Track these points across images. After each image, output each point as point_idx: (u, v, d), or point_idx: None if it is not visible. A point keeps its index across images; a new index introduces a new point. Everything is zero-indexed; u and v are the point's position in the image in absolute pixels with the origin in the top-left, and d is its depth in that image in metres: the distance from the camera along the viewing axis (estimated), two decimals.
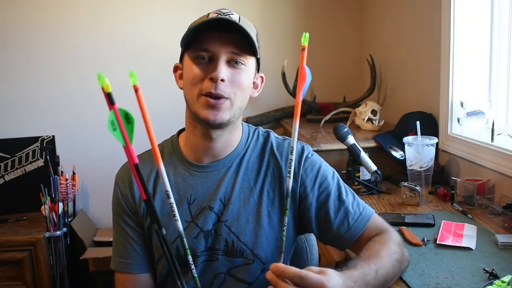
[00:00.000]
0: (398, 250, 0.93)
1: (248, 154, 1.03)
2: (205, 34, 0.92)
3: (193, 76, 0.93)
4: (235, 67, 0.94)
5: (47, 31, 2.47)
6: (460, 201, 1.47)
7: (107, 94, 0.55)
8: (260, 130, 1.09)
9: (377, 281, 0.83)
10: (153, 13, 2.49)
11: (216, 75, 0.90)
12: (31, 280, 2.20)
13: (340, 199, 1.01)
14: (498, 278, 0.96)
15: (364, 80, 2.68)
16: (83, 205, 2.61)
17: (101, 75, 0.54)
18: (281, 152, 1.03)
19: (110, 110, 0.56)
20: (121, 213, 1.04)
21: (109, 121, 0.56)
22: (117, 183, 1.06)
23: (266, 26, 2.64)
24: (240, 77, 0.94)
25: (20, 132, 2.50)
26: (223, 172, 1.01)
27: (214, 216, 0.99)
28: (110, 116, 0.56)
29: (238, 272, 0.99)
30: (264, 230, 0.99)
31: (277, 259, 0.83)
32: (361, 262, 0.85)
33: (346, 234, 0.99)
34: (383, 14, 2.44)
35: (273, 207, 1.00)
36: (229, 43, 0.92)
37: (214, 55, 0.92)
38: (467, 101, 1.70)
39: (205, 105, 0.92)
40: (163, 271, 1.02)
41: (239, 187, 1.00)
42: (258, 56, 0.98)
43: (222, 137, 0.99)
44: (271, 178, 1.01)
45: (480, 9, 1.67)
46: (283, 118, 2.66)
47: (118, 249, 1.05)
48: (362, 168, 1.67)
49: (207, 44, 0.92)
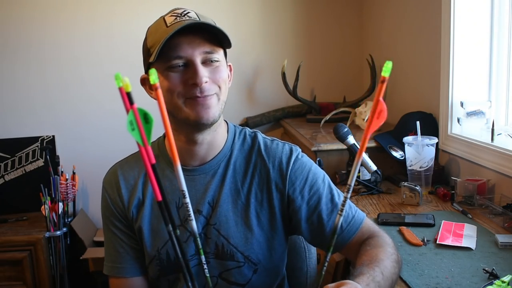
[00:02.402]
0: (394, 251, 0.93)
1: (234, 156, 1.02)
2: (172, 42, 0.89)
3: (172, 85, 0.91)
4: (211, 65, 0.93)
5: (47, 31, 2.47)
6: (460, 201, 1.47)
7: (126, 94, 0.55)
8: (247, 130, 1.07)
9: (386, 282, 0.83)
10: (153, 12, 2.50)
11: (199, 80, 0.89)
12: (31, 280, 2.20)
13: (332, 202, 1.00)
14: (498, 278, 0.96)
15: (364, 80, 2.68)
16: (83, 205, 2.61)
17: (118, 75, 0.53)
18: (269, 154, 1.02)
19: (129, 110, 0.55)
20: (110, 217, 1.03)
21: (128, 121, 0.55)
22: (105, 188, 1.05)
23: (266, 26, 2.64)
24: (219, 73, 0.94)
25: (20, 132, 2.50)
26: (211, 175, 1.00)
27: (203, 219, 0.99)
28: (129, 116, 0.55)
29: (230, 276, 0.99)
30: (253, 231, 0.98)
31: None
32: (365, 268, 0.84)
33: (338, 236, 0.97)
34: (383, 14, 2.44)
35: (262, 209, 0.99)
36: (199, 44, 0.91)
37: (189, 60, 0.91)
38: (467, 101, 1.70)
39: (195, 106, 0.91)
40: (154, 274, 1.02)
41: (227, 190, 0.99)
42: (230, 47, 0.97)
43: (206, 138, 0.98)
44: (258, 180, 1.00)
45: (480, 9, 1.67)
46: (283, 118, 2.66)
47: (111, 254, 1.04)
48: (362, 168, 1.67)
49: (178, 52, 0.90)
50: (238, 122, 2.66)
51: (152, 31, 0.95)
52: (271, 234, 1.00)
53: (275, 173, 1.00)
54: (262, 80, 2.69)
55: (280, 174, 1.00)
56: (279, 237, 1.01)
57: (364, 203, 1.57)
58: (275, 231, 1.00)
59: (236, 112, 2.65)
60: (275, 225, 1.00)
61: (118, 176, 1.03)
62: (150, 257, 1.00)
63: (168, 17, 0.93)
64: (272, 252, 1.01)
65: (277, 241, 1.01)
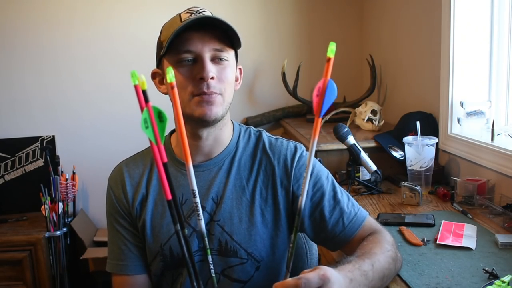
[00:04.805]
0: (392, 249, 0.93)
1: (239, 153, 1.03)
2: (184, 36, 0.91)
3: (180, 79, 0.93)
4: (220, 63, 0.94)
5: (46, 30, 2.47)
6: (460, 201, 1.47)
7: (142, 92, 0.55)
8: (251, 129, 1.09)
9: (376, 274, 0.83)
10: (153, 13, 2.50)
11: (206, 75, 0.91)
12: (31, 280, 2.20)
13: (335, 199, 1.00)
14: (498, 278, 0.96)
15: (364, 80, 2.68)
16: (83, 205, 2.61)
17: (134, 72, 0.53)
18: (274, 151, 1.03)
19: (144, 108, 0.55)
20: (115, 214, 1.04)
21: (142, 119, 0.55)
22: (110, 185, 1.06)
23: (266, 26, 2.64)
24: (226, 73, 0.95)
25: (20, 132, 2.50)
26: (215, 171, 1.01)
27: (207, 215, 0.99)
28: (143, 114, 0.55)
29: (233, 273, 0.99)
30: (257, 228, 0.99)
31: (284, 276, 0.79)
32: (355, 258, 0.85)
33: (340, 234, 0.99)
34: (383, 14, 2.44)
35: (266, 206, 1.00)
36: (210, 40, 0.92)
37: (198, 55, 0.92)
38: (467, 101, 1.70)
39: (200, 103, 0.92)
40: (157, 272, 1.02)
41: (231, 186, 1.00)
42: (239, 47, 0.98)
43: (211, 135, 0.99)
44: (263, 177, 1.01)
45: (480, 9, 1.67)
46: (283, 118, 2.66)
47: (114, 251, 1.05)
48: (362, 168, 1.68)
49: (188, 46, 0.92)
50: (238, 122, 2.66)
51: (166, 27, 0.97)
52: (275, 231, 1.00)
53: (280, 170, 1.01)
54: (262, 80, 2.69)
55: (285, 171, 1.01)
56: (283, 234, 1.02)
57: (364, 203, 1.56)
58: (278, 228, 1.01)
59: (236, 112, 2.65)
60: (279, 223, 1.00)
61: (124, 174, 1.04)
62: (153, 253, 1.01)
63: (183, 13, 0.96)
64: (275, 249, 1.01)
65: (280, 239, 1.01)
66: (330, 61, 0.61)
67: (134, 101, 0.60)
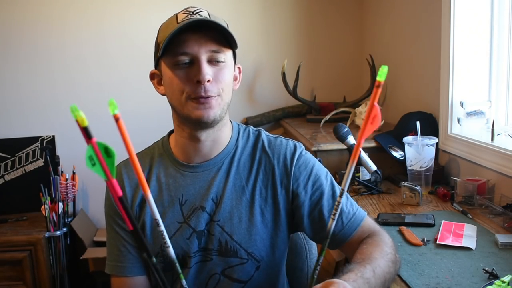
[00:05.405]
0: (391, 251, 0.93)
1: (238, 153, 1.03)
2: (180, 38, 0.91)
3: (177, 82, 0.93)
4: (217, 65, 0.94)
5: (48, 31, 2.47)
6: (460, 201, 1.47)
7: (83, 129, 0.51)
8: (250, 128, 1.09)
9: (378, 280, 0.83)
10: (153, 13, 2.51)
11: (202, 78, 0.90)
12: (31, 280, 2.20)
13: (334, 198, 1.00)
14: (498, 278, 0.96)
15: (364, 80, 2.68)
16: (83, 205, 2.61)
17: (74, 107, 0.49)
18: (273, 150, 1.03)
19: (88, 145, 0.53)
20: (114, 216, 1.04)
21: (87, 156, 0.53)
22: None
23: (266, 26, 2.64)
24: (223, 74, 0.94)
25: (20, 132, 2.50)
26: (214, 171, 1.01)
27: (207, 216, 0.99)
28: (88, 151, 0.53)
29: (233, 273, 0.99)
30: (257, 228, 0.99)
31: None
32: (356, 265, 0.84)
33: (339, 233, 0.98)
34: (383, 14, 2.44)
35: (266, 205, 1.00)
36: (206, 42, 0.92)
37: (194, 57, 0.92)
38: (467, 101, 1.70)
39: (197, 105, 0.92)
40: None
41: (231, 186, 1.00)
42: (236, 48, 0.98)
43: (210, 136, 0.99)
44: (263, 176, 1.01)
45: (480, 9, 1.67)
46: (283, 118, 2.66)
47: (113, 253, 1.04)
48: (362, 168, 1.68)
49: (184, 48, 0.91)
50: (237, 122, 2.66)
51: (163, 28, 0.97)
52: (275, 231, 1.00)
53: (279, 170, 1.01)
54: (262, 80, 2.69)
55: (285, 170, 1.01)
56: (282, 234, 1.02)
57: (364, 203, 1.57)
58: (278, 228, 1.01)
59: (236, 112, 2.64)
60: (278, 222, 1.00)
61: (123, 175, 1.04)
62: (153, 254, 1.00)
63: (180, 14, 0.95)
64: (275, 249, 1.01)
65: (280, 239, 1.01)
66: (380, 86, 0.54)
67: (134, 101, 0.60)
